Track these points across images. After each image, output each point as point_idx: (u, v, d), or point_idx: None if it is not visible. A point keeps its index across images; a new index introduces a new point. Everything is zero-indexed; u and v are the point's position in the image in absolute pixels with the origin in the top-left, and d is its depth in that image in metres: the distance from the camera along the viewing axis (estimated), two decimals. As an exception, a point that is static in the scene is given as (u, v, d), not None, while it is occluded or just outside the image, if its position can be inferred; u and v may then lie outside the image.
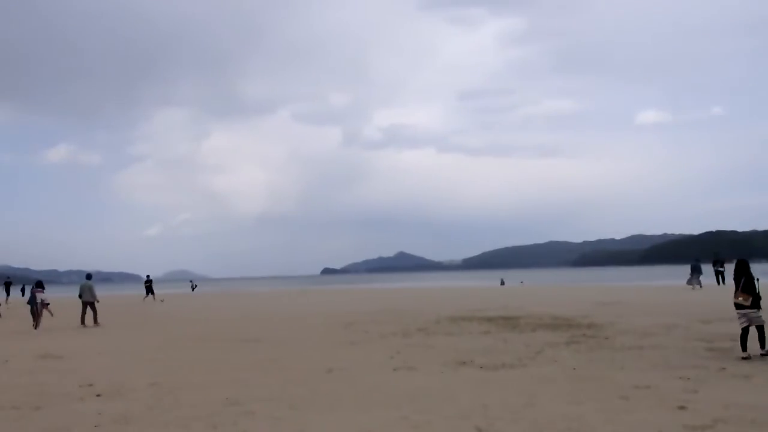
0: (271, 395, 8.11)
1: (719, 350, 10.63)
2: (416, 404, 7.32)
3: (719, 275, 32.70)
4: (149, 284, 39.00)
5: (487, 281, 68.11)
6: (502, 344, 12.52)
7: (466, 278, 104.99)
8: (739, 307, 9.99)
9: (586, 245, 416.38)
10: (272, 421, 6.77)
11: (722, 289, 27.47)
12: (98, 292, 21.27)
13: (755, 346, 9.71)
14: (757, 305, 9.86)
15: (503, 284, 55.08)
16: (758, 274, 10.85)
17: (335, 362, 10.74)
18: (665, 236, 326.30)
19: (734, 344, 10.46)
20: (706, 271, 33.05)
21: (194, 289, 62.10)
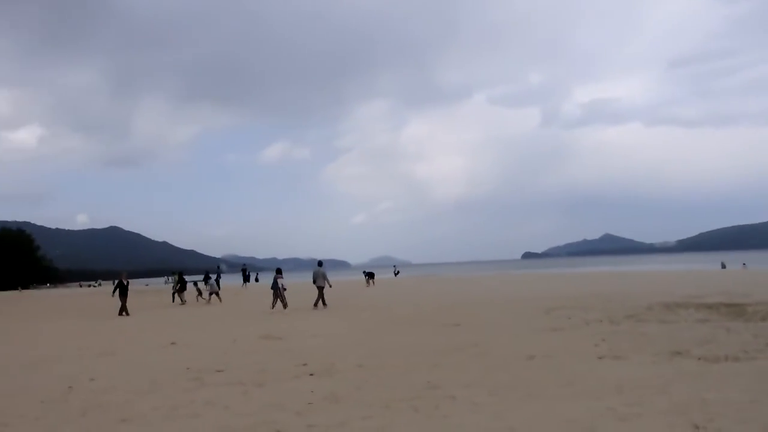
0: (471, 380, 8.13)
1: None
2: (624, 396, 6.88)
3: None
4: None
5: (705, 264, 62.41)
6: (723, 334, 11.35)
7: (681, 261, 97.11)
8: None
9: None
10: (472, 406, 6.77)
11: None
12: (310, 279, 23.07)
13: None
14: None
15: (724, 267, 50.10)
16: None
17: (536, 349, 10.48)
18: None
19: None
20: None
21: (397, 274, 64.41)
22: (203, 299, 30.90)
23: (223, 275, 50.56)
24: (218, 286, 44.92)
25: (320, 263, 23.33)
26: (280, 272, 23.37)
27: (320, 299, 22.33)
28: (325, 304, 22.21)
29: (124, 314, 23.36)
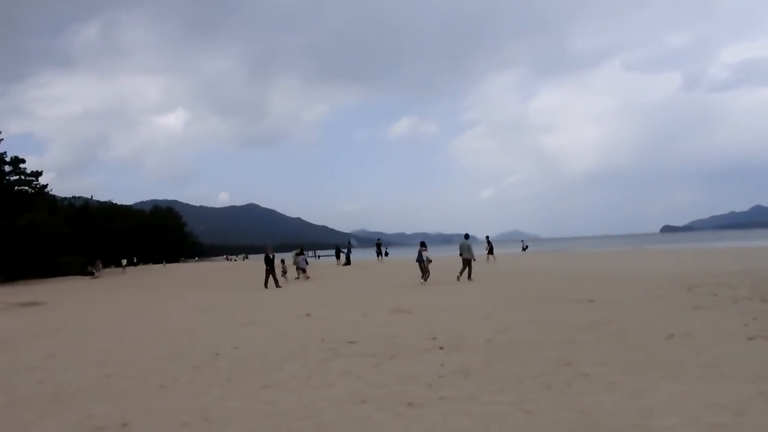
0: (605, 358, 7.86)
1: None
2: (778, 379, 6.37)
3: None
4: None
5: None
6: None
7: None
8: None
9: None
10: (607, 385, 6.55)
11: None
12: (440, 253, 23.32)
13: None
14: None
15: None
16: None
17: (677, 327, 9.91)
18: None
19: None
20: None
21: (525, 249, 63.27)
22: (291, 277, 31.26)
23: (353, 250, 52.10)
24: (348, 260, 46.59)
25: (467, 236, 23.64)
26: (424, 245, 23.81)
27: (466, 271, 22.65)
28: (470, 277, 22.45)
29: (270, 286, 24.68)
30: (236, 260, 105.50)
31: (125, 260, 76.31)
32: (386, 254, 49.03)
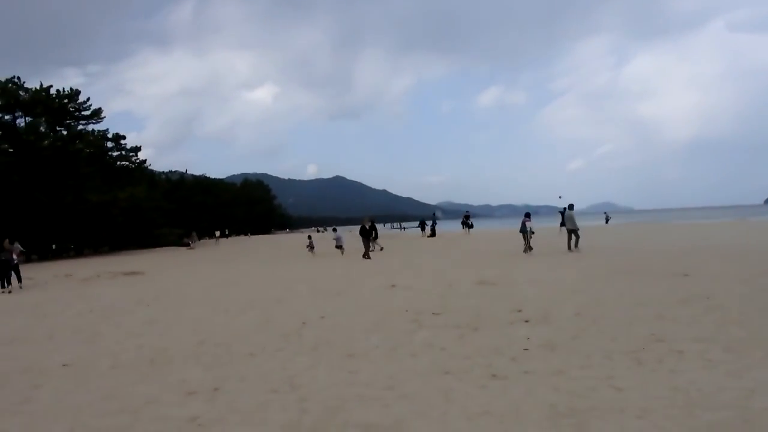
0: (701, 335, 7.48)
1: None
2: None
3: None
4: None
5: None
6: None
7: None
8: None
9: None
10: (703, 362, 6.24)
11: None
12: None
13: None
14: None
15: None
16: None
17: (782, 303, 9.31)
18: None
19: None
20: None
21: (608, 221, 61.39)
22: (317, 251, 32.37)
23: (439, 222, 51.93)
24: (434, 232, 46.48)
25: (571, 206, 23.35)
26: (529, 216, 23.72)
27: (572, 241, 22.43)
28: (576, 246, 22.28)
29: (366, 257, 24.95)
30: (322, 232, 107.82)
31: (218, 232, 79.43)
32: (471, 226, 48.56)
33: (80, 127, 61.84)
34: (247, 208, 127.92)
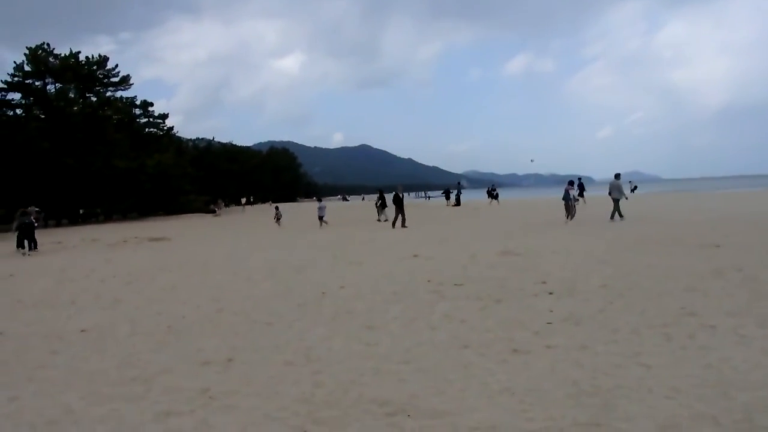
0: (734, 309, 7.17)
1: None
2: None
3: None
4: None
5: None
6: None
7: None
8: None
9: None
10: (737, 338, 5.95)
11: None
12: (551, 195, 22.62)
13: None
14: None
15: None
16: None
17: (820, 277, 8.92)
18: None
19: None
20: None
21: (634, 190, 60.38)
22: (283, 223, 33.72)
23: (463, 191, 51.51)
24: (458, 201, 46.14)
25: (617, 176, 23.05)
26: (572, 183, 23.68)
27: (616, 211, 22.17)
28: (621, 215, 22.01)
29: (398, 226, 24.67)
30: (346, 200, 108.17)
31: (244, 199, 79.96)
32: (496, 196, 48.06)
33: (109, 93, 62.36)
34: (273, 175, 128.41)
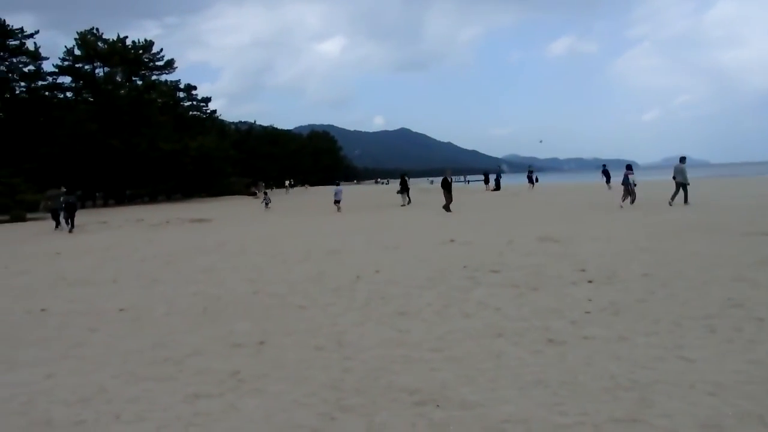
0: (785, 302, 6.86)
1: None
2: None
3: None
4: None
5: None
6: None
7: None
8: None
9: None
10: (786, 333, 5.68)
11: None
12: (593, 179, 22.18)
13: None
14: None
15: None
16: None
17: None
18: None
19: None
20: None
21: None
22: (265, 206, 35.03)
23: (503, 175, 50.94)
24: (498, 185, 45.64)
25: (682, 159, 22.74)
26: (630, 168, 23.31)
27: (682, 194, 21.86)
28: (686, 200, 21.69)
29: (447, 209, 24.50)
30: (385, 184, 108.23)
31: (288, 181, 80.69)
32: (536, 180, 47.38)
33: (154, 77, 63.49)
34: (313, 159, 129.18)
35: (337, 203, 29.61)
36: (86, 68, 58.40)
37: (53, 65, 56.69)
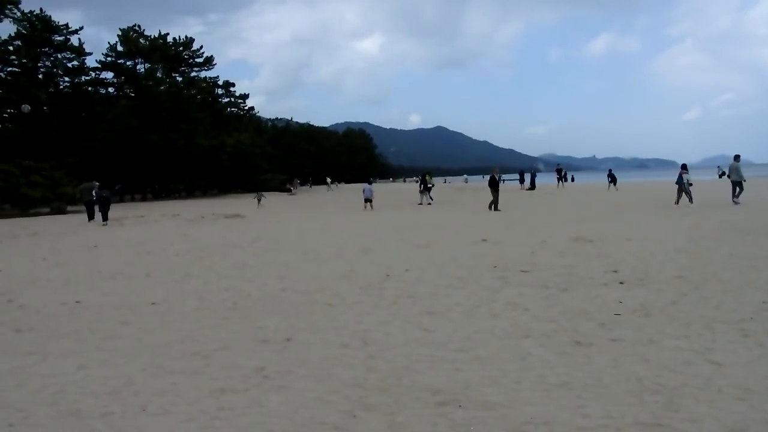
0: (823, 307, 6.65)
1: None
2: None
3: None
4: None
5: None
6: None
7: None
8: None
9: None
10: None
11: None
12: (636, 179, 21.98)
13: None
14: None
15: None
16: None
17: None
18: None
19: None
20: None
21: (722, 176, 57.31)
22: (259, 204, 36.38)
23: (540, 174, 50.45)
24: (533, 185, 45.15)
25: (737, 157, 22.53)
26: (685, 168, 23.20)
27: (736, 192, 21.90)
28: (737, 198, 21.70)
29: (493, 209, 24.25)
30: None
31: (329, 178, 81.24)
32: (572, 179, 46.78)
33: (193, 74, 64.46)
34: (348, 156, 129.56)
35: (368, 202, 29.39)
36: (128, 64, 59.53)
37: (96, 61, 57.97)
